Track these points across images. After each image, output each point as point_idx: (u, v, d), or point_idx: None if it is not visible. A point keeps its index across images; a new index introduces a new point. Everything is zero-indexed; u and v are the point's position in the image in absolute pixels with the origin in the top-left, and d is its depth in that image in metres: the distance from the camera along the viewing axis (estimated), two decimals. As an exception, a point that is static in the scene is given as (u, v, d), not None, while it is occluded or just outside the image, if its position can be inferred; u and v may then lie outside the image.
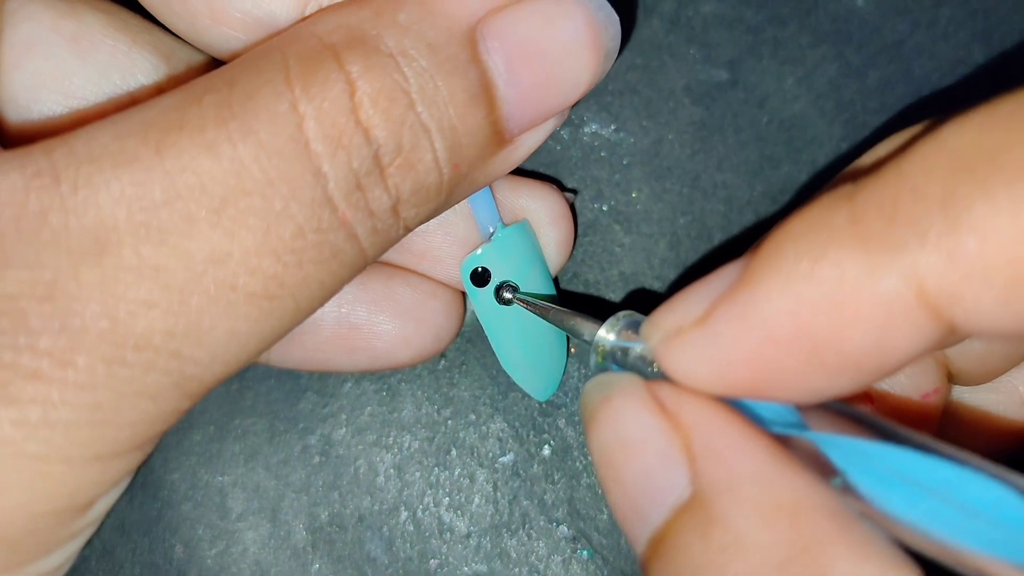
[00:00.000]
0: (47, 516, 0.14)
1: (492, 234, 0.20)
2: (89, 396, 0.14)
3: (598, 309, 0.23)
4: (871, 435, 0.14)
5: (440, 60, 0.14)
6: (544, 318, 0.20)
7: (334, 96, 0.14)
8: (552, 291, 0.21)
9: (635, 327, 0.17)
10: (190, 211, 0.13)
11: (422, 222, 0.16)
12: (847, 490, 0.14)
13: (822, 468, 0.14)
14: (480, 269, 0.20)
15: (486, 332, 0.21)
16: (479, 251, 0.20)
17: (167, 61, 0.17)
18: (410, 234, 0.20)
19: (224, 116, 0.14)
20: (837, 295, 0.13)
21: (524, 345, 0.21)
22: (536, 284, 0.20)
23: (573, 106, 0.17)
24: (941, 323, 0.13)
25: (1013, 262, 0.11)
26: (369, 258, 0.16)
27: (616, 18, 0.16)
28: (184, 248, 0.13)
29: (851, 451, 0.14)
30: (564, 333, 0.21)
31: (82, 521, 0.15)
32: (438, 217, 0.20)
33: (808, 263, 0.13)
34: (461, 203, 0.20)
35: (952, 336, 0.13)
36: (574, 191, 0.23)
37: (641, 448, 0.14)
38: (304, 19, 0.15)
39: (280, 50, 0.14)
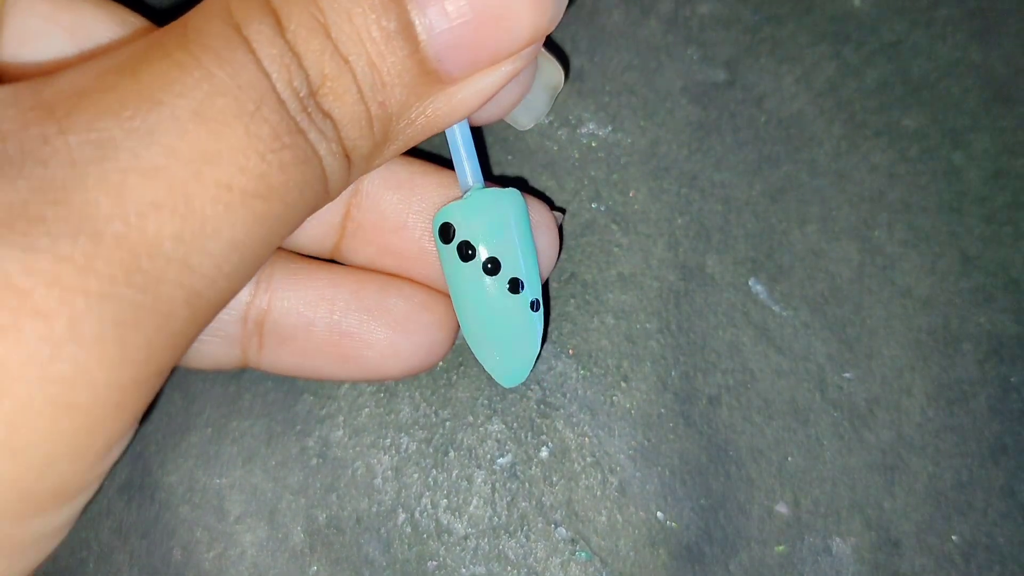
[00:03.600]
0: (64, 459, 0.14)
1: (468, 192, 0.19)
2: (111, 308, 0.14)
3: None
4: None
5: None
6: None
7: (267, 24, 0.15)
8: (533, 268, 0.20)
9: None
10: (174, 113, 0.14)
11: (370, 159, 0.17)
12: None
13: None
14: (447, 225, 0.19)
15: (450, 294, 0.20)
16: (448, 206, 0.20)
17: None
18: (402, 232, 0.20)
19: (184, 43, 0.15)
20: None
21: (486, 315, 0.20)
22: (513, 254, 0.20)
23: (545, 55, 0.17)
24: None
25: None
26: (331, 185, 0.16)
27: None
28: (176, 147, 0.14)
29: None
30: (540, 314, 0.20)
31: (93, 472, 0.15)
32: (428, 213, 0.20)
33: None
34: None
35: None
36: (562, 210, 0.23)
37: None
38: None
39: None
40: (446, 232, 0.19)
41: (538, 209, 0.21)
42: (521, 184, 0.23)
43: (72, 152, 0.14)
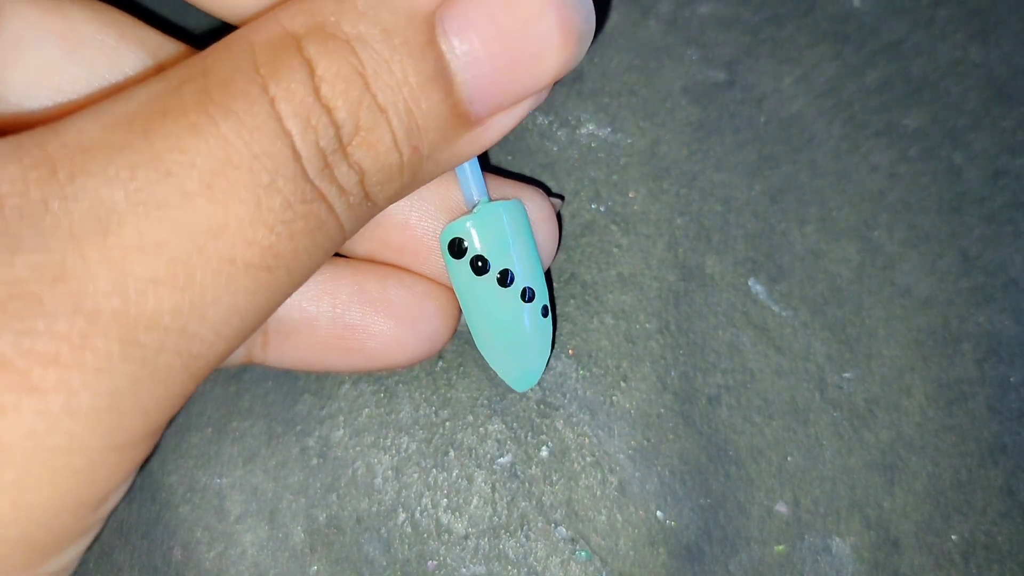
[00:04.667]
0: (65, 513, 0.14)
1: (475, 206, 0.20)
2: (107, 381, 0.14)
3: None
4: None
5: (395, 44, 0.15)
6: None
7: (298, 79, 0.15)
8: (540, 275, 0.20)
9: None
10: (183, 186, 0.14)
11: (393, 199, 0.17)
12: None
13: None
14: (458, 240, 0.20)
15: (462, 308, 0.21)
16: (457, 222, 0.20)
17: (154, 56, 0.18)
18: (404, 230, 0.20)
19: (203, 101, 0.14)
20: None
21: (501, 326, 0.20)
22: (522, 264, 0.20)
23: (553, 86, 0.17)
24: None
25: None
26: (347, 232, 0.16)
27: (589, 0, 0.17)
28: (182, 222, 0.14)
29: None
30: (548, 320, 0.21)
31: (94, 517, 0.15)
32: (429, 211, 0.20)
33: None
34: (457, 198, 0.20)
35: None
36: (561, 197, 0.23)
37: None
38: (273, 7, 0.16)
39: (247, 39, 0.15)
40: (456, 247, 0.20)
41: (537, 203, 0.21)
42: (518, 175, 0.23)
43: (73, 224, 0.14)
